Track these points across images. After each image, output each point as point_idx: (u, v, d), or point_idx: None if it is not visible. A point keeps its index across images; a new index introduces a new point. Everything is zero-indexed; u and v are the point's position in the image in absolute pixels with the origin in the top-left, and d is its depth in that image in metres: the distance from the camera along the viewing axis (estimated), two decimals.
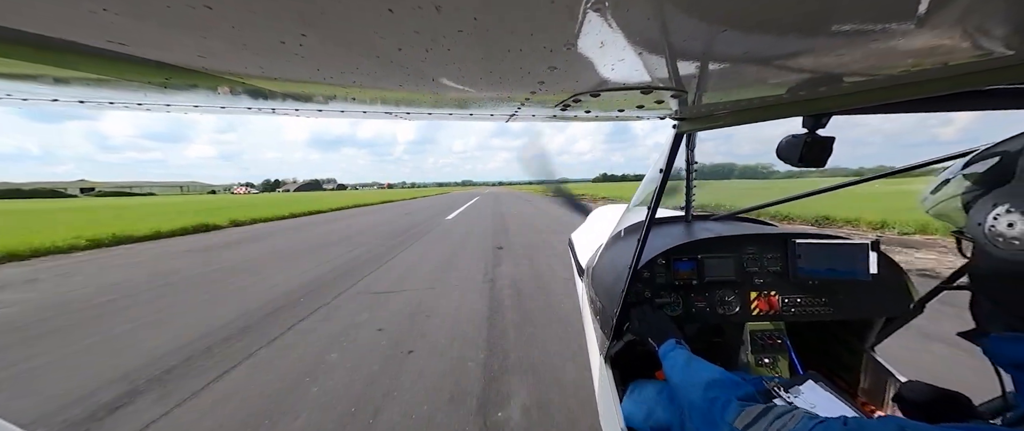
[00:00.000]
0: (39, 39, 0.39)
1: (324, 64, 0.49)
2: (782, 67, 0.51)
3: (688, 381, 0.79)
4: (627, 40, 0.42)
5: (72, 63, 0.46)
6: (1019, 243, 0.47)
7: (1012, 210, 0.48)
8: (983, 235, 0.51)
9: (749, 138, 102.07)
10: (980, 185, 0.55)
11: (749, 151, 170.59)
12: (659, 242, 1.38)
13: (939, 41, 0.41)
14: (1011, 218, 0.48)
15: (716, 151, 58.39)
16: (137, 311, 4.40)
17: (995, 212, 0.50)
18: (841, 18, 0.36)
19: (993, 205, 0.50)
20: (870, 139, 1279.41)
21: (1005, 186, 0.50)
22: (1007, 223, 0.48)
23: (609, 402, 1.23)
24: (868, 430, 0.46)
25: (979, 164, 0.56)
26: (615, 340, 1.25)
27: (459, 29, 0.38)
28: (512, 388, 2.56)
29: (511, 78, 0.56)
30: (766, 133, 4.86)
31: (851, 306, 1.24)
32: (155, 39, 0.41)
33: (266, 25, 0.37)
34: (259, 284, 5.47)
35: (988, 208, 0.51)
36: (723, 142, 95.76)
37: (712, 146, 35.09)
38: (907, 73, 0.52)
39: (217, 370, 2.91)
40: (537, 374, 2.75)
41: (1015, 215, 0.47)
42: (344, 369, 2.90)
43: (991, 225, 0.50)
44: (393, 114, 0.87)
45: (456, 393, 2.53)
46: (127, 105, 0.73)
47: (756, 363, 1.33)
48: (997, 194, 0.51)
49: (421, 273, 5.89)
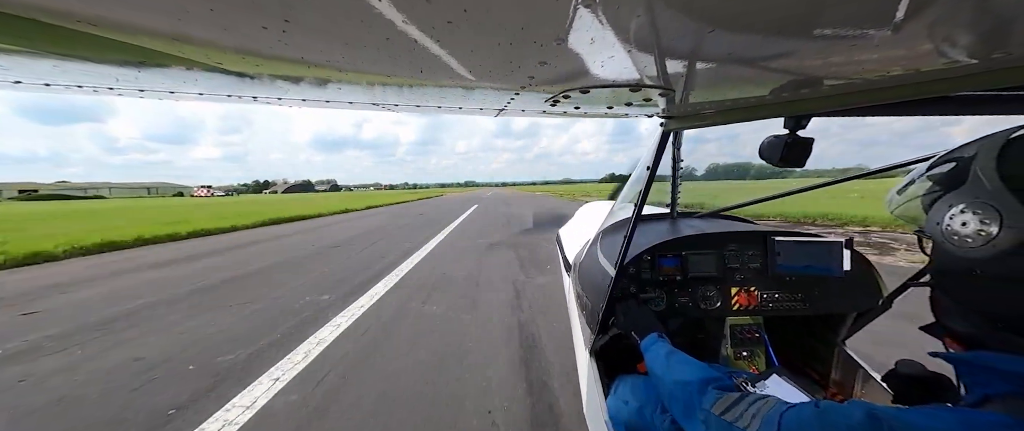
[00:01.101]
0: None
1: (308, 52, 0.48)
2: (766, 69, 0.52)
3: (669, 373, 0.82)
4: (616, 37, 0.42)
5: (33, 38, 0.44)
6: (970, 241, 0.50)
7: (966, 210, 0.51)
8: (941, 234, 0.54)
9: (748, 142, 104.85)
10: (940, 187, 0.58)
11: (751, 153, 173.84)
12: (645, 239, 1.40)
13: (911, 49, 0.43)
14: (964, 217, 0.51)
15: (719, 152, 58.85)
16: None
17: (950, 212, 0.53)
18: (822, 23, 0.37)
19: (949, 206, 0.54)
20: (880, 138, 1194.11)
21: (960, 188, 0.53)
22: (961, 222, 0.51)
23: (594, 395, 1.25)
24: (837, 413, 0.48)
25: (940, 167, 0.59)
26: (601, 334, 1.28)
27: (449, 20, 0.38)
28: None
29: (501, 72, 0.56)
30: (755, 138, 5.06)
31: (825, 301, 1.29)
32: (126, 15, 0.39)
33: (249, 10, 0.36)
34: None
35: (945, 209, 0.54)
36: (729, 143, 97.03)
37: (715, 147, 34.98)
38: (882, 78, 0.54)
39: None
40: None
41: (968, 215, 0.51)
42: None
43: (947, 224, 0.53)
44: (380, 105, 0.85)
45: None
46: (96, 88, 0.69)
47: (735, 356, 1.37)
48: (953, 195, 0.54)
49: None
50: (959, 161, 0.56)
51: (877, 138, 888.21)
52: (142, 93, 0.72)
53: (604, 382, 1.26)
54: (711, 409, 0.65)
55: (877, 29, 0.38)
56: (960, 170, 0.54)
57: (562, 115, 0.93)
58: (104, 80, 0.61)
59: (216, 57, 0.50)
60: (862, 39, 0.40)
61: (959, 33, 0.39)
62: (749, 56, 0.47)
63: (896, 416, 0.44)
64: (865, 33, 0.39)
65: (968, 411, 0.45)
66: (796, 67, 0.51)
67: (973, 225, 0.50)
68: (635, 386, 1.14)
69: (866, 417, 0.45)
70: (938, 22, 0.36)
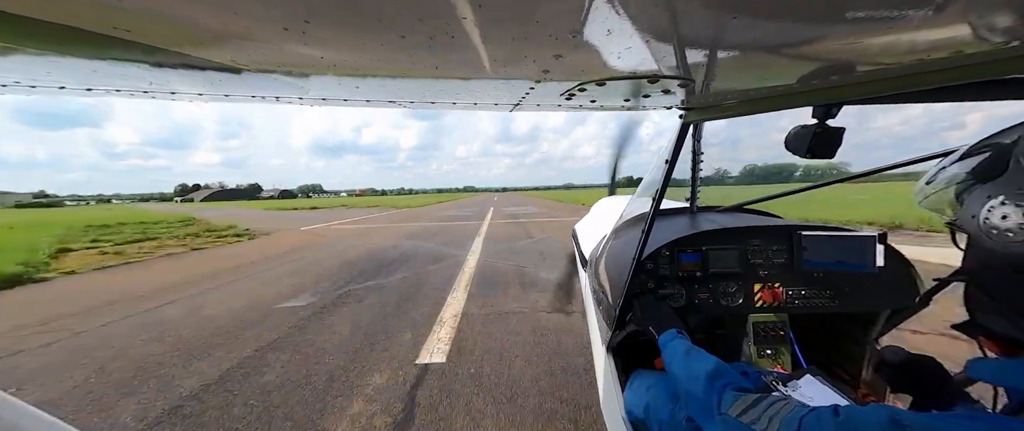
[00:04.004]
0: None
1: (328, 52, 0.49)
2: (793, 55, 0.50)
3: (686, 371, 0.80)
4: (634, 27, 0.41)
5: (72, 43, 0.46)
6: (1012, 235, 0.47)
7: (1006, 202, 0.47)
8: (978, 227, 0.51)
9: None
10: (974, 177, 0.54)
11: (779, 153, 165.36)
12: (663, 233, 1.37)
13: (954, 30, 0.40)
14: (1005, 210, 0.48)
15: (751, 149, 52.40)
16: None
17: (989, 205, 0.49)
18: (855, 5, 0.35)
19: (987, 197, 0.50)
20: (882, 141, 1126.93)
21: (999, 178, 0.50)
22: (1001, 215, 0.48)
23: (611, 391, 1.24)
24: (858, 418, 0.46)
25: (975, 155, 0.55)
26: (618, 330, 1.26)
27: (464, 16, 0.38)
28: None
29: (516, 66, 0.56)
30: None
31: (856, 298, 1.24)
32: (156, 23, 0.41)
33: (270, 11, 0.37)
34: None
35: (983, 200, 0.50)
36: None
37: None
38: (921, 62, 0.50)
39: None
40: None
41: (1009, 207, 0.47)
42: None
43: (986, 217, 0.50)
44: (397, 102, 0.86)
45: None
46: (133, 92, 0.73)
47: (758, 355, 1.33)
48: (991, 186, 0.50)
49: None
50: (996, 148, 0.52)
51: (879, 142, 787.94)
52: (174, 95, 0.75)
53: (621, 378, 1.26)
54: (729, 411, 0.64)
55: (916, 9, 0.35)
56: (998, 158, 0.51)
57: (578, 108, 0.92)
58: (140, 83, 0.65)
59: (241, 59, 0.52)
60: (899, 21, 0.38)
61: (1007, 13, 0.36)
62: (775, 42, 0.45)
63: (923, 423, 0.42)
64: (903, 14, 0.36)
65: (1001, 419, 0.43)
66: (826, 53, 0.48)
67: (1015, 218, 0.46)
68: (652, 382, 1.12)
69: (889, 423, 0.43)
70: (982, 4, 0.33)
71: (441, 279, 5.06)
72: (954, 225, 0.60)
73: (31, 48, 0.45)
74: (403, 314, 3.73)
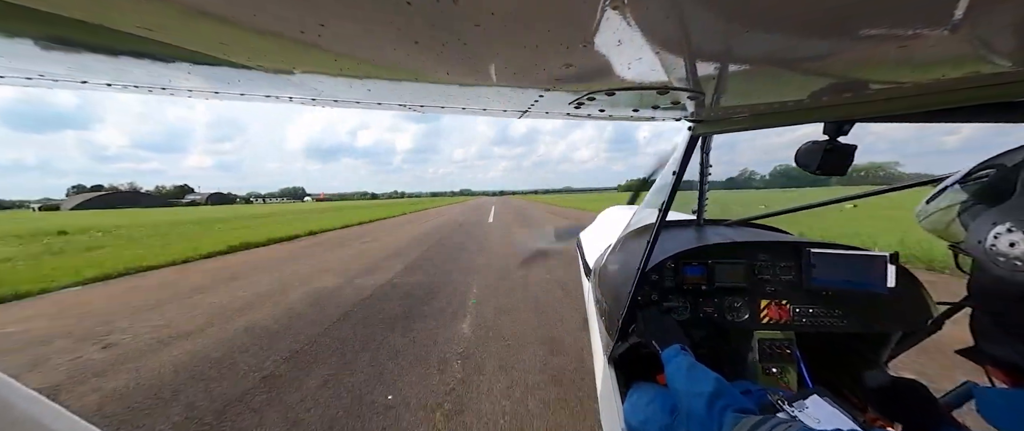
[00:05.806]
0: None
1: (342, 54, 0.50)
2: (805, 71, 0.50)
3: (689, 388, 0.79)
4: (645, 39, 0.41)
5: (97, 40, 0.47)
6: (1021, 263, 0.45)
7: (1013, 229, 0.46)
8: (984, 253, 0.49)
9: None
10: (978, 199, 0.52)
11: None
12: (669, 245, 1.36)
13: (971, 49, 0.39)
14: (1012, 237, 0.46)
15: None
16: None
17: (995, 231, 0.48)
18: (869, 22, 0.35)
19: (993, 223, 0.48)
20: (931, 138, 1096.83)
21: (1005, 203, 0.48)
22: (1008, 242, 0.46)
23: (611, 403, 1.22)
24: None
25: (978, 176, 0.54)
26: (620, 341, 1.25)
27: (476, 24, 0.38)
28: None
29: (526, 74, 0.56)
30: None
31: (866, 319, 1.21)
32: (177, 20, 0.42)
33: (287, 12, 0.38)
34: None
35: (988, 226, 0.49)
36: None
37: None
38: (936, 81, 0.50)
39: None
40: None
41: (1016, 234, 0.45)
42: None
43: (992, 244, 0.48)
44: (407, 105, 0.87)
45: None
46: (151, 88, 0.75)
47: (763, 372, 1.30)
48: (997, 212, 0.49)
49: None
50: (1001, 170, 0.50)
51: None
52: (190, 93, 0.77)
53: (621, 390, 1.24)
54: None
55: (932, 29, 0.35)
56: (1003, 180, 0.49)
57: (586, 117, 0.92)
58: (159, 80, 0.66)
59: (256, 59, 0.53)
60: (914, 39, 0.37)
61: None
62: (787, 57, 0.45)
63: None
64: (918, 33, 0.36)
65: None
66: (839, 69, 0.48)
67: (1023, 245, 0.45)
68: (652, 397, 1.10)
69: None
70: (1003, 21, 0.33)
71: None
72: (958, 248, 0.58)
73: (64, 45, 0.47)
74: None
